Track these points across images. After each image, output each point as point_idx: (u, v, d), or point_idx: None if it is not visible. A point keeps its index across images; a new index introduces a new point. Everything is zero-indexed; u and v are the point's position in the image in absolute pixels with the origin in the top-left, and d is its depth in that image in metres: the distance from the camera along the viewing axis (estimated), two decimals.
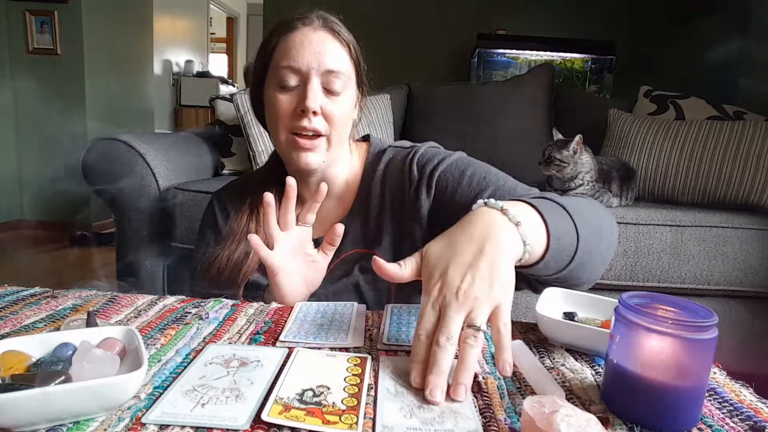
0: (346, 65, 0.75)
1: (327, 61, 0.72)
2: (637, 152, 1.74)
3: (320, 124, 0.73)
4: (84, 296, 0.68)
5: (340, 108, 0.74)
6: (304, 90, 0.72)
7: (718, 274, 1.44)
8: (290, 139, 0.74)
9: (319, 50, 0.72)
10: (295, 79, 0.72)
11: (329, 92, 0.74)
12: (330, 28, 0.75)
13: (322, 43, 0.73)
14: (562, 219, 0.57)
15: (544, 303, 0.61)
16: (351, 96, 0.77)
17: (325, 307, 0.66)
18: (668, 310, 0.44)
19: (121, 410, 0.41)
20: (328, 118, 0.74)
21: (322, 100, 0.73)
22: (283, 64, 0.72)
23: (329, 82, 0.73)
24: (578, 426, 0.35)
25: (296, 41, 0.73)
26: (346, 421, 0.40)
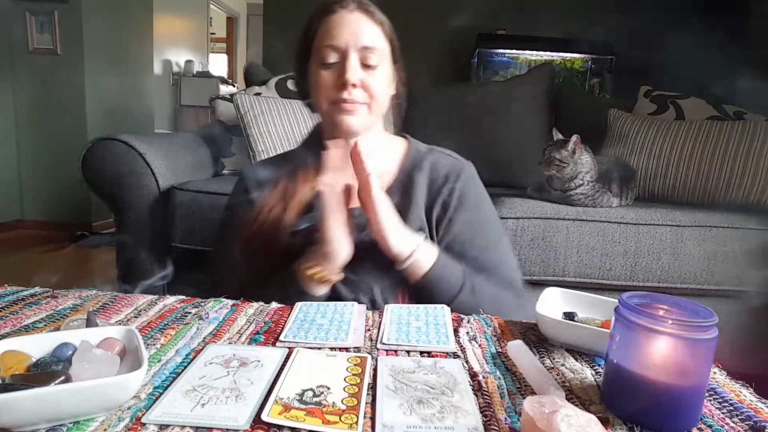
0: (381, 42, 0.83)
1: (363, 39, 0.80)
2: (637, 152, 1.74)
3: (359, 95, 0.81)
4: (84, 296, 0.68)
5: (377, 80, 0.82)
6: (344, 65, 0.80)
7: (718, 274, 1.44)
8: (333, 107, 0.82)
9: (356, 29, 0.81)
10: (335, 56, 0.81)
11: (366, 66, 0.81)
12: (365, 9, 0.83)
13: (358, 22, 0.81)
14: (450, 280, 0.78)
15: (544, 303, 0.61)
16: (386, 70, 0.85)
17: (325, 307, 0.66)
18: (668, 310, 0.44)
19: (121, 410, 0.41)
20: (366, 89, 0.81)
21: (360, 74, 0.80)
22: (325, 44, 0.81)
23: (366, 58, 0.81)
24: (578, 426, 0.35)
25: (335, 22, 0.81)
26: (346, 421, 0.40)
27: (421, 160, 0.91)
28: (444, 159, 0.92)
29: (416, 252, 0.75)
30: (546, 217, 1.44)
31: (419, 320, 0.63)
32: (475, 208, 0.88)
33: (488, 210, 0.91)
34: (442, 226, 0.86)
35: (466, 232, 0.86)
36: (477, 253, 0.85)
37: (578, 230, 1.44)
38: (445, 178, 0.88)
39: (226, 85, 6.19)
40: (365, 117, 0.83)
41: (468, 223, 0.86)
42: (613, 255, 1.44)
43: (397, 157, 0.92)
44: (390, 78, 0.87)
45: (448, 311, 0.66)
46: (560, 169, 1.49)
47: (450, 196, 0.86)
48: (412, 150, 0.93)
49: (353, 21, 0.81)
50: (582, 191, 1.50)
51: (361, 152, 0.73)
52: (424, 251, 0.77)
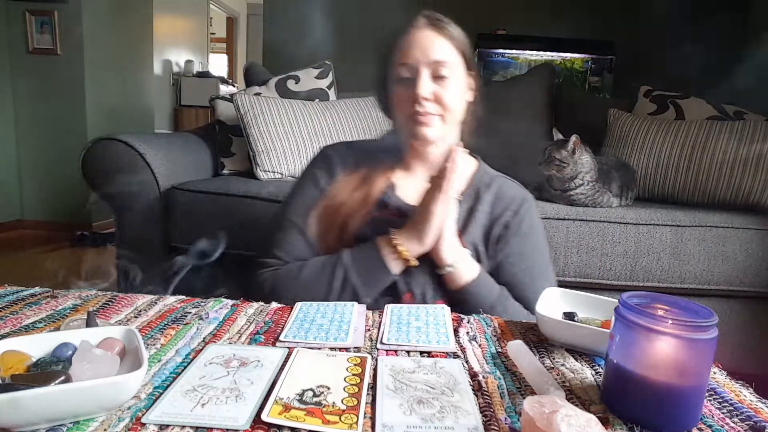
0: (451, 55, 0.87)
1: (432, 54, 0.85)
2: (637, 152, 1.74)
3: (432, 107, 0.85)
4: (84, 296, 0.68)
5: (449, 91, 0.86)
6: (416, 81, 0.85)
7: (718, 274, 1.44)
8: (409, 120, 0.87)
9: (426, 45, 0.85)
10: (408, 72, 0.86)
11: (438, 78, 0.85)
12: (434, 26, 0.87)
13: (428, 39, 0.86)
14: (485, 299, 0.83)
15: (544, 303, 0.61)
16: (459, 80, 0.89)
17: (325, 307, 0.66)
18: (668, 310, 0.44)
19: (121, 410, 0.41)
20: (439, 101, 0.86)
21: (432, 87, 0.85)
22: (398, 62, 0.87)
23: (437, 71, 0.85)
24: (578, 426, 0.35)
25: (407, 42, 0.87)
26: (346, 420, 0.40)
27: (490, 181, 0.95)
28: (510, 185, 0.97)
29: (458, 263, 0.81)
30: (546, 217, 1.44)
31: (419, 320, 0.63)
32: (531, 235, 0.93)
33: (542, 241, 0.96)
34: (499, 245, 0.90)
35: (518, 255, 0.90)
36: (522, 277, 0.89)
37: (578, 230, 1.44)
38: (509, 202, 0.93)
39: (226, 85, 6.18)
40: (440, 127, 0.87)
41: (521, 246, 0.91)
42: (613, 255, 1.44)
43: (466, 173, 0.97)
44: (463, 87, 0.90)
45: (448, 311, 0.66)
46: (560, 169, 1.49)
47: (512, 219, 0.91)
48: (482, 170, 0.98)
49: (423, 38, 0.86)
50: (582, 191, 1.50)
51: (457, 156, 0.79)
52: (466, 265, 0.83)
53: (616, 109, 1.92)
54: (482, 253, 0.89)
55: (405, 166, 0.95)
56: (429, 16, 0.89)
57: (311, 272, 0.82)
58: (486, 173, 0.98)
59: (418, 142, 0.89)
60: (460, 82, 0.89)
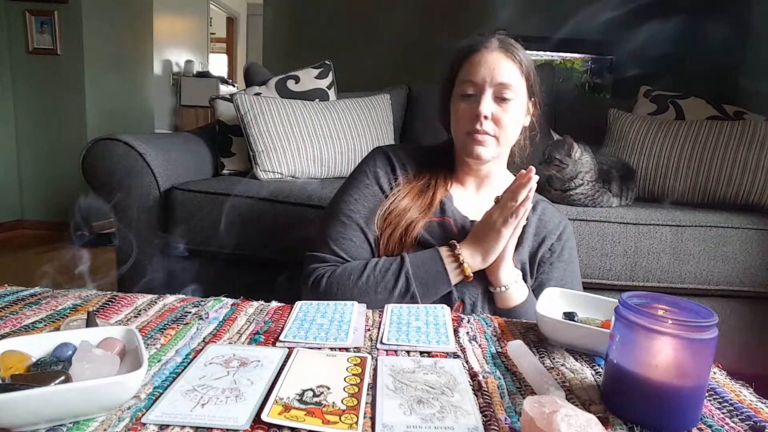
0: (516, 79, 0.89)
1: (499, 76, 0.87)
2: (637, 152, 1.74)
3: (490, 127, 0.87)
4: (84, 296, 0.68)
5: (509, 114, 0.88)
6: (479, 99, 0.87)
7: (718, 274, 1.44)
8: (467, 137, 0.89)
9: (494, 67, 0.87)
10: (473, 90, 0.88)
11: (500, 100, 0.87)
12: (505, 49, 0.89)
13: (497, 61, 0.88)
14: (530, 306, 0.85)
15: (544, 303, 0.61)
16: (520, 105, 0.90)
17: (325, 307, 0.66)
18: (668, 310, 0.44)
19: (121, 410, 0.41)
20: (497, 122, 0.88)
21: (493, 108, 0.87)
22: (465, 79, 0.89)
23: (500, 92, 0.87)
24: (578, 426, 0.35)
25: (476, 61, 0.89)
26: (346, 420, 0.40)
27: (535, 204, 0.95)
28: (553, 210, 0.99)
29: (511, 285, 0.84)
30: None
31: (419, 320, 0.63)
32: (571, 260, 0.96)
33: (577, 265, 1.00)
34: (544, 267, 0.93)
35: (559, 280, 0.93)
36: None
37: (578, 230, 1.44)
38: (554, 227, 0.95)
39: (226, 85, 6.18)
40: (494, 148, 0.89)
41: (562, 272, 0.94)
42: (613, 255, 1.44)
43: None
44: (523, 111, 0.92)
45: (448, 311, 0.66)
46: (560, 169, 1.49)
47: (557, 243, 0.94)
48: None
49: (492, 59, 0.88)
50: (582, 191, 1.50)
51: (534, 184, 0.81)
52: (519, 287, 0.86)
53: (616, 109, 1.92)
54: (527, 273, 0.92)
55: (458, 177, 0.98)
56: (502, 40, 0.91)
57: (373, 276, 0.81)
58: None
59: (470, 159, 0.91)
60: (520, 107, 0.90)
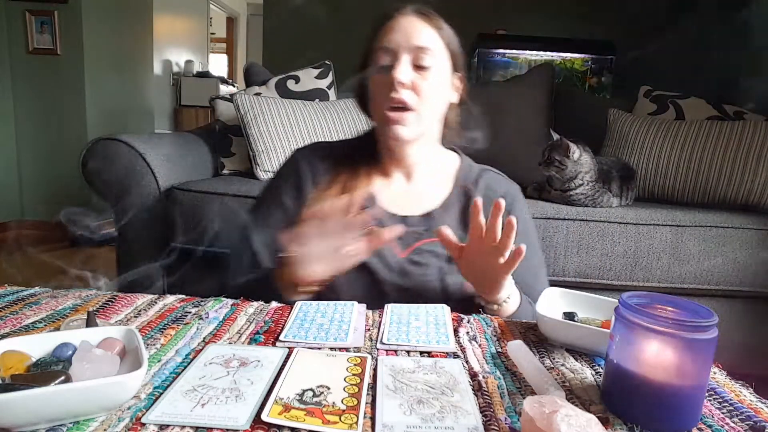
0: (435, 43, 0.82)
1: (415, 38, 0.80)
2: (637, 152, 1.74)
3: (409, 97, 0.79)
4: (84, 296, 0.68)
5: (429, 82, 0.80)
6: (395, 65, 0.79)
7: (718, 274, 1.44)
8: (384, 116, 0.81)
9: (409, 30, 0.80)
10: (388, 58, 0.80)
11: (419, 68, 0.80)
12: (421, 13, 0.83)
13: (412, 24, 0.81)
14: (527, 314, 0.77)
15: (544, 303, 0.61)
16: (441, 73, 0.83)
17: (325, 307, 0.66)
18: (668, 310, 0.44)
19: (121, 410, 0.41)
20: (417, 91, 0.79)
21: (411, 75, 0.79)
22: (378, 47, 0.81)
23: (418, 58, 0.79)
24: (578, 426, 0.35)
25: (390, 27, 0.82)
26: (346, 421, 0.40)
27: (477, 177, 0.91)
28: (498, 180, 0.92)
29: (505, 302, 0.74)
30: (546, 217, 1.44)
31: (419, 320, 0.63)
32: (526, 234, 0.88)
33: (533, 236, 0.92)
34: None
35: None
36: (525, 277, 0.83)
37: (578, 230, 1.44)
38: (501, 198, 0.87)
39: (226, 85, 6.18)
40: (415, 125, 0.81)
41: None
42: (613, 255, 1.44)
43: (450, 172, 0.92)
44: (446, 84, 0.85)
45: (448, 311, 0.66)
46: (560, 170, 1.49)
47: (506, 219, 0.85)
48: (465, 167, 0.93)
49: (407, 23, 0.82)
50: (582, 191, 1.50)
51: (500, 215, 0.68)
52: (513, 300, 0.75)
53: (616, 109, 1.92)
54: None
55: (383, 170, 0.90)
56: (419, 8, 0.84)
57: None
58: (471, 169, 0.93)
59: (392, 142, 0.84)
60: (442, 77, 0.83)
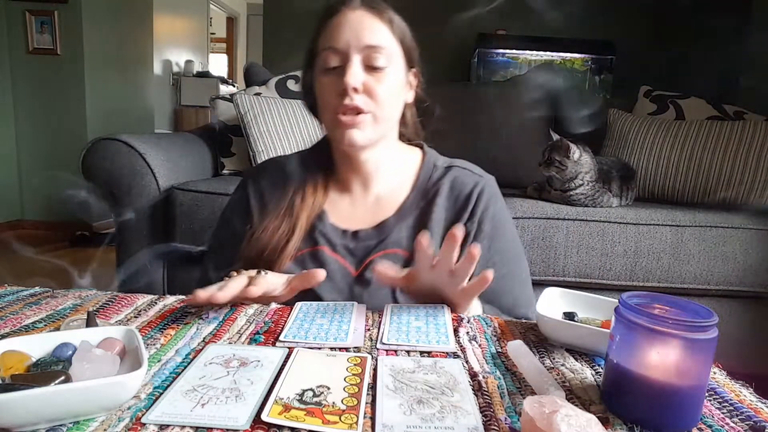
0: (388, 40, 0.75)
1: (366, 37, 0.73)
2: (637, 152, 1.74)
3: (363, 102, 0.73)
4: (84, 296, 0.68)
5: (384, 84, 0.74)
6: (346, 68, 0.72)
7: (718, 274, 1.44)
8: (335, 119, 0.75)
9: (358, 28, 0.73)
10: (336, 59, 0.73)
11: (371, 69, 0.73)
12: (370, 6, 0.75)
13: (361, 20, 0.74)
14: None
15: (544, 303, 0.61)
16: (396, 73, 0.77)
17: (325, 307, 0.66)
18: (668, 310, 0.44)
19: (121, 410, 0.41)
20: (371, 95, 0.73)
21: (363, 77, 0.73)
22: (325, 47, 0.74)
23: (370, 58, 0.73)
24: (578, 426, 0.35)
25: (336, 23, 0.74)
26: (346, 420, 0.40)
27: (439, 179, 0.83)
28: (464, 177, 0.84)
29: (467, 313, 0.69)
30: (546, 217, 1.44)
31: (419, 320, 0.63)
32: (495, 235, 0.82)
33: (509, 236, 0.85)
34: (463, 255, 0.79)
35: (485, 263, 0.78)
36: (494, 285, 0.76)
37: (578, 230, 1.44)
38: (465, 200, 0.81)
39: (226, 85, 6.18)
40: (370, 130, 0.75)
41: (487, 251, 0.80)
42: (613, 255, 1.44)
43: (410, 174, 0.85)
44: (402, 83, 0.79)
45: (448, 311, 0.66)
46: (560, 171, 1.49)
47: (470, 222, 0.80)
48: (428, 166, 0.86)
49: (356, 20, 0.74)
50: (582, 191, 1.50)
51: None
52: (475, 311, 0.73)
53: (616, 109, 1.92)
54: None
55: (339, 180, 0.84)
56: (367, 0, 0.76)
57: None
58: (435, 166, 0.86)
59: (347, 147, 0.77)
60: (398, 77, 0.77)
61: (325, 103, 0.76)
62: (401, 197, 0.84)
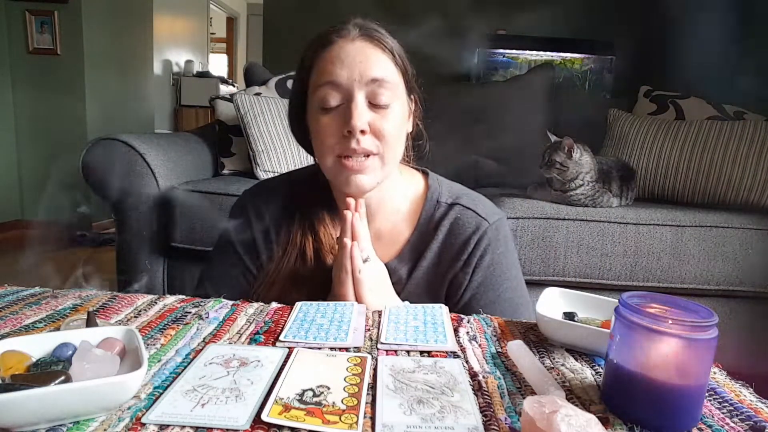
0: (392, 73, 0.70)
1: (369, 71, 0.67)
2: (637, 152, 1.74)
3: (370, 144, 0.68)
4: (84, 296, 0.68)
5: (391, 122, 0.69)
6: (349, 108, 0.67)
7: (718, 274, 1.44)
8: (338, 162, 0.69)
9: (360, 60, 0.67)
10: (338, 97, 0.68)
11: (376, 106, 0.68)
12: (369, 35, 0.70)
13: (362, 52, 0.68)
14: None
15: (544, 303, 0.61)
16: (401, 106, 0.72)
17: (325, 307, 0.66)
18: (668, 310, 0.44)
19: (121, 410, 0.41)
20: (378, 135, 0.68)
21: (369, 117, 0.67)
22: (323, 82, 0.68)
23: (375, 95, 0.68)
24: (578, 426, 0.35)
25: (333, 56, 0.68)
26: (346, 420, 0.40)
27: (441, 219, 0.78)
28: (466, 219, 0.78)
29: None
30: (546, 217, 1.44)
31: (418, 320, 0.63)
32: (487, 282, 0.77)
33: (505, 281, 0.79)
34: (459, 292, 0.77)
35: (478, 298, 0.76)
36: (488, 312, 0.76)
37: (578, 230, 1.44)
38: (463, 245, 0.77)
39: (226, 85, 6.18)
40: (378, 172, 0.70)
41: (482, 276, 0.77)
42: (613, 255, 1.44)
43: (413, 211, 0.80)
44: (405, 116, 0.74)
45: (446, 310, 0.66)
46: (561, 172, 1.49)
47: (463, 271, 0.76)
48: (431, 203, 0.80)
49: (356, 51, 0.68)
50: (582, 191, 1.50)
51: (357, 227, 0.64)
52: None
53: (616, 109, 1.92)
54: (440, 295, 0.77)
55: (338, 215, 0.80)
56: (362, 25, 0.71)
57: None
58: (438, 203, 0.80)
59: (352, 193, 0.71)
60: (402, 110, 0.71)
61: (326, 146, 0.69)
62: (402, 237, 0.80)
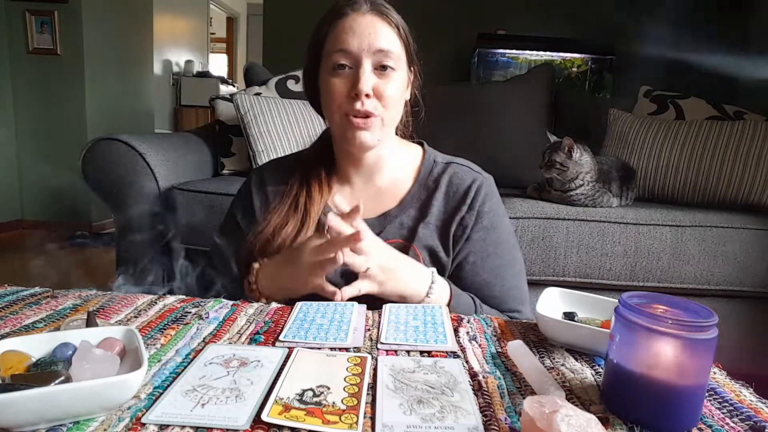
0: (396, 45, 0.78)
1: (377, 42, 0.76)
2: (637, 152, 1.74)
3: (373, 106, 0.76)
4: (84, 296, 0.68)
5: (392, 88, 0.78)
6: (357, 73, 0.75)
7: (718, 274, 1.44)
8: (345, 120, 0.78)
9: (369, 32, 0.76)
10: (348, 62, 0.76)
11: (381, 72, 0.77)
12: (378, 11, 0.78)
13: (372, 25, 0.77)
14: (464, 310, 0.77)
15: (544, 303, 0.61)
16: (402, 75, 0.80)
17: (325, 307, 0.66)
18: (668, 310, 0.44)
19: (121, 410, 0.41)
20: (380, 98, 0.77)
21: (373, 81, 0.76)
22: (335, 49, 0.76)
23: (380, 62, 0.76)
24: (578, 426, 0.35)
25: (346, 26, 0.77)
26: (346, 420, 0.40)
27: (439, 175, 0.87)
28: (463, 173, 0.87)
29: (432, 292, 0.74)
30: (546, 217, 1.44)
31: (417, 320, 0.63)
32: (492, 227, 0.85)
33: (504, 230, 0.87)
34: (459, 245, 0.83)
35: (480, 253, 0.83)
36: (487, 276, 0.84)
37: (578, 230, 1.44)
38: (464, 195, 0.84)
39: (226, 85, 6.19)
40: (378, 131, 0.78)
41: (483, 242, 0.83)
42: (613, 255, 1.44)
43: (412, 169, 0.89)
44: (405, 83, 0.82)
45: (446, 311, 0.66)
46: (561, 172, 1.49)
47: (468, 214, 0.83)
48: (428, 162, 0.89)
49: (366, 23, 0.76)
50: (582, 191, 1.50)
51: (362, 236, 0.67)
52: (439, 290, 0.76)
53: (616, 109, 1.92)
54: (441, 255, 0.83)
55: (340, 175, 0.87)
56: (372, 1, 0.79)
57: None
58: (435, 162, 0.89)
59: (355, 148, 0.80)
60: (402, 78, 0.81)
61: (335, 105, 0.78)
62: (403, 190, 0.87)
